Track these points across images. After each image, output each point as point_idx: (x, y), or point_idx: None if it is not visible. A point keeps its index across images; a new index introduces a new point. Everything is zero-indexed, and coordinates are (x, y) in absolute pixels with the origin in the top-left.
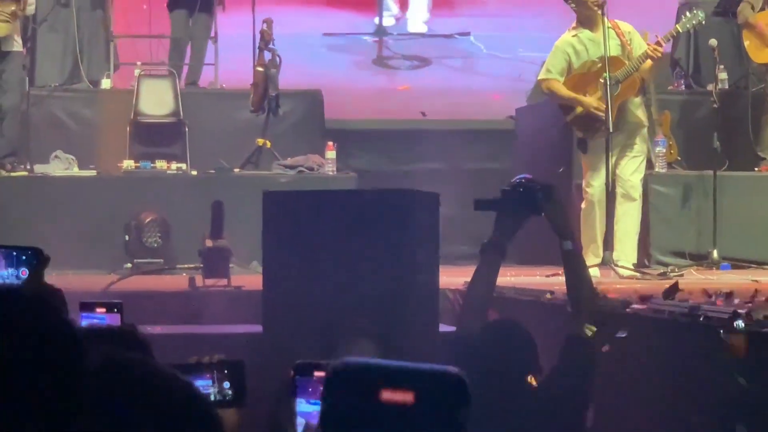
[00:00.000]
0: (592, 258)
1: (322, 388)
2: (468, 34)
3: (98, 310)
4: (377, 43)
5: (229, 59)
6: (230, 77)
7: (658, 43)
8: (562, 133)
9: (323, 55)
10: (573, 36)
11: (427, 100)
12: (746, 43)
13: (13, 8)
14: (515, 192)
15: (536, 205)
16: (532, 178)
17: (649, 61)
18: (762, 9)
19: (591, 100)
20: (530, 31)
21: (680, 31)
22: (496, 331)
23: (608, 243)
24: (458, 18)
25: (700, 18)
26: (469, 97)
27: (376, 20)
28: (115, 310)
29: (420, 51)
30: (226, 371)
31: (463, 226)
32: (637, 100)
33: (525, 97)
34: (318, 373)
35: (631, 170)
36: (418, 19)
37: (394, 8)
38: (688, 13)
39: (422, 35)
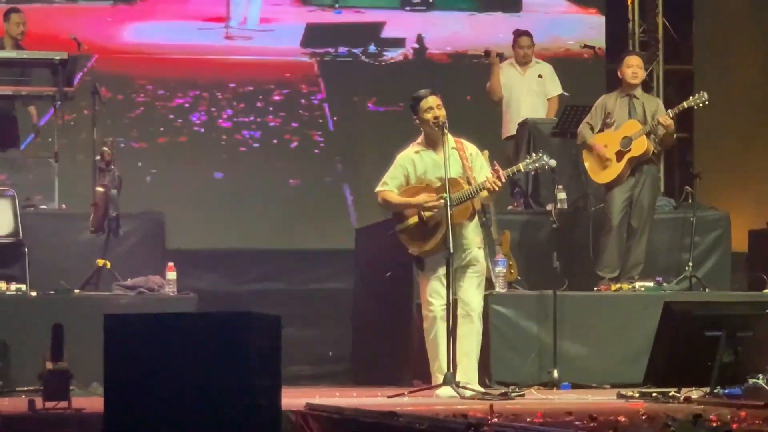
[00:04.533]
0: (438, 376)
1: None
2: None
3: None
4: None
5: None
6: (71, 197)
7: (498, 177)
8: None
9: None
10: (416, 152)
11: None
12: (586, 164)
13: None
14: None
15: None
16: None
17: (485, 192)
18: (601, 130)
19: (423, 197)
20: None
21: (522, 170)
22: None
23: (449, 363)
24: None
25: (544, 162)
26: None
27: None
28: None
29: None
30: None
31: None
32: (472, 223)
33: None
34: None
35: (472, 291)
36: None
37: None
38: (533, 155)
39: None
